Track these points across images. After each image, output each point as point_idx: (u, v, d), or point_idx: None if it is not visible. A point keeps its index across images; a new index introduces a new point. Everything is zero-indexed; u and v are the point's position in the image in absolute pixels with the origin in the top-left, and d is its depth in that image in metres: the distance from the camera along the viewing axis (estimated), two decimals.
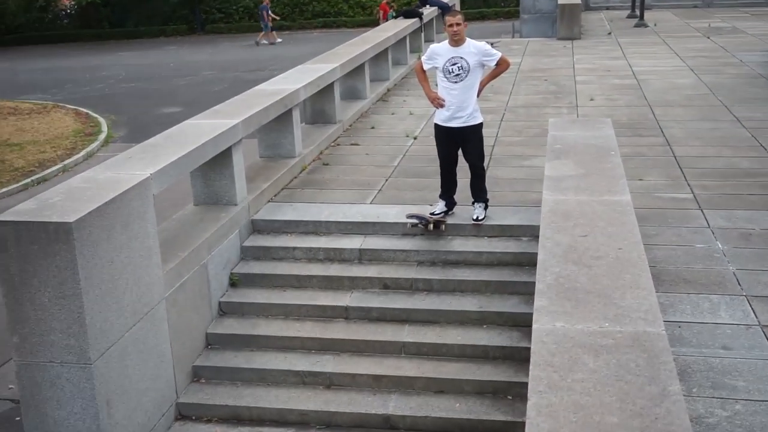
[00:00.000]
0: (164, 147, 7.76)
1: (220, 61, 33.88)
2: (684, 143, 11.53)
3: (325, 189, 10.01)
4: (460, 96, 8.29)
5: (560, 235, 5.92)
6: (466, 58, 8.24)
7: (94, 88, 28.53)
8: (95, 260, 6.06)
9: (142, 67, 33.63)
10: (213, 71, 30.96)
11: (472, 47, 8.28)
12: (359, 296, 8.15)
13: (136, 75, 31.11)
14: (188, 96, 25.55)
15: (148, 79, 29.92)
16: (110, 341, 6.27)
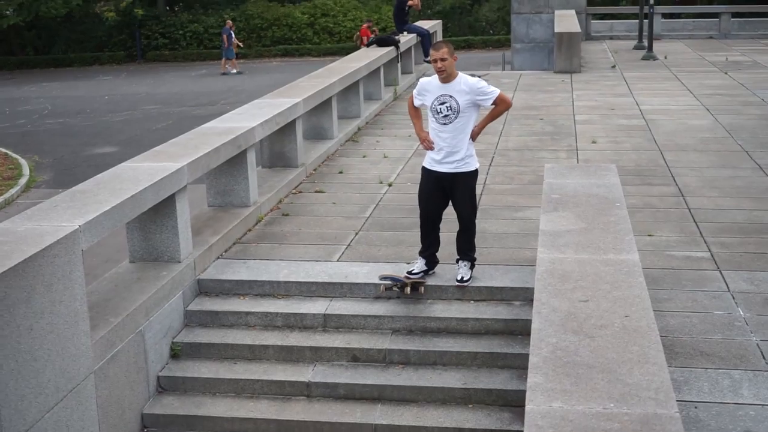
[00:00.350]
0: (96, 194, 7.74)
1: (163, 94, 33.99)
2: (699, 193, 11.68)
3: (284, 244, 10.00)
4: (451, 140, 8.28)
5: (558, 300, 5.93)
6: (456, 97, 8.21)
7: (15, 125, 28.47)
8: (11, 327, 5.99)
9: (72, 99, 33.65)
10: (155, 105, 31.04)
11: (463, 84, 8.23)
12: (323, 370, 8.10)
13: (64, 109, 31.11)
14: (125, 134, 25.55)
15: (78, 114, 29.93)
16: (27, 423, 6.17)
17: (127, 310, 7.66)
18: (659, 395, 4.68)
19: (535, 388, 4.78)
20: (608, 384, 4.80)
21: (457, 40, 47.16)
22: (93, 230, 7.06)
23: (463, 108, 8.23)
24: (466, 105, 8.22)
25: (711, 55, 27.50)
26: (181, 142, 9.99)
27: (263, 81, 35.34)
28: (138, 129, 26.28)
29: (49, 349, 6.40)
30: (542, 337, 5.39)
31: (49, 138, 25.66)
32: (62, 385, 6.57)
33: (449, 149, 8.31)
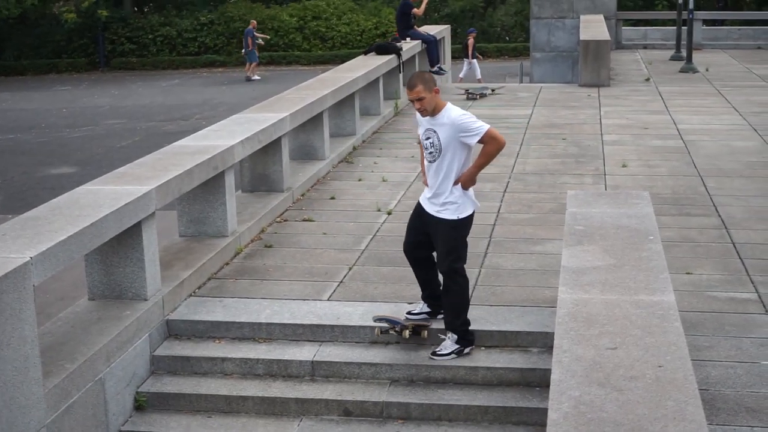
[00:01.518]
0: (50, 221, 7.76)
1: (129, 107, 34.14)
2: (745, 226, 11.71)
3: (267, 280, 10.02)
4: (434, 179, 8.29)
5: (582, 347, 5.94)
6: (438, 133, 8.19)
7: None
8: None
9: (24, 113, 33.77)
10: (119, 120, 31.16)
11: (446, 118, 8.18)
12: (311, 426, 8.08)
13: (15, 124, 31.22)
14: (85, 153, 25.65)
15: (32, 129, 30.04)
16: None
17: (85, 355, 7.65)
18: None
19: None
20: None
21: None
22: (46, 263, 7.06)
23: (445, 145, 8.15)
24: (447, 142, 8.14)
25: (759, 67, 27.61)
26: (148, 162, 10.03)
27: (245, 92, 35.53)
28: (100, 147, 26.37)
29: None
30: (563, 389, 5.39)
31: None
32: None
33: (435, 189, 8.30)
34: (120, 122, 30.71)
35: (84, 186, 9.05)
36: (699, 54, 29.77)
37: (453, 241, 8.29)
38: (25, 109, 34.88)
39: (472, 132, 8.09)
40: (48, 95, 39.16)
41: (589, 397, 5.27)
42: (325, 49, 49.21)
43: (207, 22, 49.79)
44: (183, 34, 49.51)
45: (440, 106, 8.22)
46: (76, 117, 32.22)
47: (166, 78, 44.33)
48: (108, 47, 49.48)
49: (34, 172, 23.48)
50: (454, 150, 8.16)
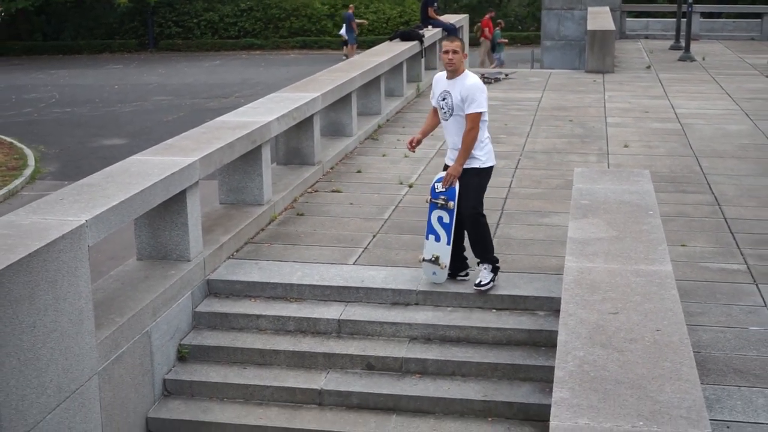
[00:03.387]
0: (103, 188, 7.78)
1: (175, 85, 34.14)
2: (736, 203, 11.63)
3: (298, 245, 10.02)
4: (452, 136, 8.55)
5: (586, 311, 5.92)
6: (453, 94, 8.40)
7: (21, 113, 28.65)
8: (14, 324, 6.02)
9: (80, 88, 33.84)
10: (166, 97, 31.18)
11: (461, 83, 8.37)
12: (337, 378, 8.11)
13: (72, 98, 31.29)
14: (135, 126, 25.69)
15: (87, 103, 30.10)
16: (28, 424, 6.21)
17: (133, 309, 7.69)
18: (691, 414, 4.66)
19: (560, 404, 4.77)
20: (638, 401, 4.78)
21: None
22: (100, 226, 7.09)
23: (456, 106, 8.39)
24: (458, 103, 8.38)
25: (752, 57, 27.40)
26: (193, 135, 10.02)
27: (280, 74, 35.46)
28: (148, 121, 26.41)
29: (52, 347, 6.43)
30: (569, 350, 5.38)
31: (56, 128, 25.81)
32: (65, 385, 6.60)
33: (452, 145, 8.58)
34: (167, 98, 30.72)
35: (134, 156, 9.06)
36: (696, 44, 29.52)
37: (477, 186, 8.52)
38: (80, 85, 34.94)
39: (469, 104, 8.28)
40: (101, 73, 39.21)
41: (592, 357, 5.26)
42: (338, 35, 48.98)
43: (246, 9, 49.60)
44: (224, 19, 49.36)
45: (461, 70, 8.44)
46: (127, 93, 32.25)
47: (208, 59, 44.28)
48: (156, 30, 49.43)
49: (89, 143, 23.54)
50: (460, 111, 8.38)
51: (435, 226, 8.66)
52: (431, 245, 8.70)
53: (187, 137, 9.93)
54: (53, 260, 6.45)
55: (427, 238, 8.73)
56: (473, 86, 8.33)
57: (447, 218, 8.59)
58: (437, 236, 8.66)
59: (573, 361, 5.23)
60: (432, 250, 8.70)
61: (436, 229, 8.66)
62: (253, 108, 11.83)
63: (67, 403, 6.64)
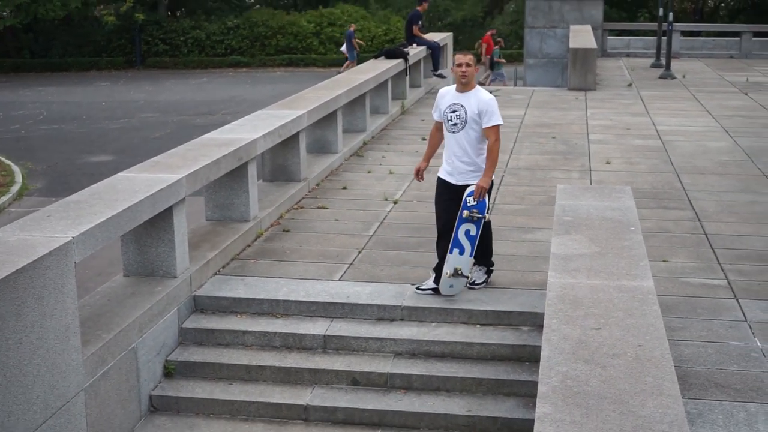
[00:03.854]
0: (90, 204, 7.75)
1: (162, 102, 34.10)
2: (717, 219, 11.67)
3: (284, 261, 10.00)
4: (457, 149, 8.66)
5: (569, 327, 5.92)
6: (467, 107, 8.57)
7: (8, 130, 28.57)
8: (0, 341, 5.98)
9: (68, 105, 33.76)
10: (153, 113, 31.14)
11: (476, 96, 8.60)
12: (322, 393, 8.08)
13: (59, 115, 31.21)
14: (122, 143, 25.63)
15: (74, 120, 30.03)
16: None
17: (119, 325, 7.66)
18: (673, 428, 4.66)
19: (543, 419, 4.77)
20: (620, 416, 4.78)
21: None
22: (87, 242, 7.06)
23: (470, 119, 8.56)
24: (472, 117, 8.54)
25: (731, 75, 27.55)
26: (179, 152, 10.01)
27: (266, 91, 35.47)
28: (135, 137, 26.36)
29: (39, 364, 6.39)
30: (552, 365, 5.37)
31: (44, 144, 25.74)
32: (51, 402, 6.55)
33: (457, 159, 8.68)
34: (154, 115, 30.68)
35: (121, 173, 9.04)
36: (677, 62, 29.69)
37: None
38: (68, 102, 34.87)
39: (490, 115, 8.50)
40: (89, 90, 39.14)
41: (575, 372, 5.26)
42: (340, 53, 49.04)
43: (233, 27, 49.70)
44: (211, 37, 49.42)
45: (472, 85, 8.67)
46: (115, 110, 32.20)
47: (195, 76, 44.28)
48: (144, 47, 49.43)
49: (76, 159, 23.48)
50: (474, 124, 8.54)
51: (461, 239, 8.69)
52: (455, 259, 8.69)
53: (173, 154, 9.92)
54: (40, 277, 6.42)
55: (451, 252, 8.70)
56: (490, 101, 8.58)
57: (474, 231, 8.68)
58: (462, 249, 8.70)
59: (556, 377, 5.22)
60: (454, 264, 8.70)
61: (462, 243, 8.69)
62: (239, 125, 11.82)
63: (54, 419, 6.59)
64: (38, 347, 6.38)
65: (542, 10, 32.17)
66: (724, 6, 51.26)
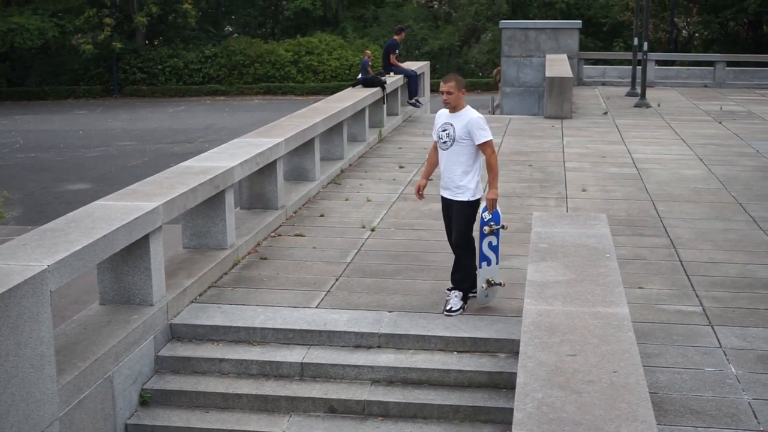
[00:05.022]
0: (66, 233, 7.73)
1: (139, 130, 34.06)
2: (692, 246, 11.75)
3: (261, 288, 9.98)
4: (447, 165, 9.04)
5: (544, 354, 5.94)
6: (455, 126, 8.95)
7: None
8: None
9: (45, 134, 33.66)
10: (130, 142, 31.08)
11: (466, 116, 8.95)
12: (299, 421, 8.05)
13: (36, 143, 31.11)
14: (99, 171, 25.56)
15: (51, 148, 29.93)
16: None
17: (95, 354, 7.61)
18: None
19: None
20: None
21: None
22: (62, 271, 7.03)
23: (458, 137, 8.90)
24: (462, 134, 8.88)
25: (705, 104, 27.79)
26: (156, 180, 10.00)
27: (244, 119, 35.50)
28: (112, 166, 26.30)
29: (13, 393, 6.35)
30: (527, 391, 5.38)
31: (20, 173, 25.64)
32: (26, 431, 6.50)
33: (447, 174, 9.06)
34: (131, 144, 30.63)
35: (98, 201, 9.02)
36: (652, 91, 29.94)
37: (467, 218, 9.08)
38: (45, 130, 34.77)
39: (479, 131, 8.86)
40: (66, 118, 39.04)
41: (550, 399, 5.27)
42: (317, 81, 49.25)
43: (211, 55, 49.79)
44: (189, 66, 49.48)
45: (462, 106, 9.02)
46: (92, 138, 32.12)
47: (173, 104, 44.27)
48: (121, 76, 49.40)
49: (53, 188, 23.39)
50: (466, 142, 8.89)
51: (486, 252, 9.15)
52: (485, 271, 9.16)
53: (150, 182, 9.91)
54: (15, 305, 6.38)
55: (480, 266, 9.15)
56: (478, 119, 8.92)
57: (495, 241, 9.17)
58: (489, 261, 9.17)
59: (532, 403, 5.23)
60: (486, 275, 9.15)
61: (487, 255, 9.15)
62: (216, 153, 11.83)
63: None
64: (12, 376, 6.34)
65: (518, 39, 32.38)
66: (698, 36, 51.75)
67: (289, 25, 55.97)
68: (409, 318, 9.04)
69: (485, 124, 8.96)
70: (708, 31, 49.01)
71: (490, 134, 8.94)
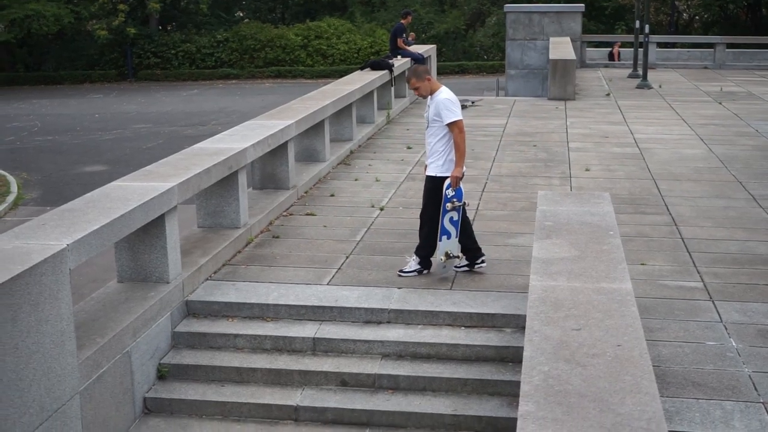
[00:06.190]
0: (84, 213, 7.74)
1: (154, 113, 34.04)
2: (693, 223, 11.73)
3: (274, 266, 10.00)
4: (429, 144, 9.36)
5: (550, 328, 5.94)
6: (430, 108, 9.29)
7: (3, 141, 28.47)
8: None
9: (62, 117, 33.67)
10: (145, 124, 31.08)
11: (435, 99, 9.21)
12: (312, 394, 8.08)
13: (53, 127, 31.12)
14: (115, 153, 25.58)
15: (68, 131, 29.94)
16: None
17: (114, 330, 7.64)
18: (651, 425, 4.68)
19: (526, 417, 4.78)
20: (600, 413, 4.80)
21: (451, 65, 47.39)
22: (81, 249, 7.05)
23: (432, 117, 9.23)
24: (433, 114, 9.20)
25: (705, 85, 27.68)
26: (171, 162, 10.00)
27: (255, 102, 35.45)
28: (128, 148, 26.31)
29: (35, 368, 6.38)
30: (534, 365, 5.39)
31: (38, 155, 25.66)
32: (47, 405, 6.54)
33: (429, 152, 9.40)
34: (146, 126, 30.63)
35: (114, 182, 9.03)
36: (654, 72, 29.83)
37: (429, 191, 9.36)
38: (62, 114, 34.77)
39: (441, 116, 9.11)
40: (82, 102, 39.04)
41: (556, 372, 5.28)
42: (326, 64, 49.11)
43: (223, 40, 49.67)
44: (202, 50, 49.37)
45: (435, 89, 9.26)
46: (107, 121, 32.12)
47: (186, 88, 44.22)
48: (135, 60, 49.33)
49: (70, 169, 23.42)
50: (434, 122, 9.21)
51: (447, 226, 9.33)
52: (443, 244, 9.38)
53: (165, 164, 9.91)
54: (35, 283, 6.40)
55: (440, 239, 9.31)
56: (443, 100, 9.14)
57: (456, 216, 9.33)
58: (449, 235, 9.33)
59: (538, 376, 5.24)
60: (444, 248, 9.35)
61: (447, 229, 9.33)
62: (229, 135, 11.82)
63: (50, 422, 6.57)
64: (34, 352, 6.37)
65: (522, 22, 32.23)
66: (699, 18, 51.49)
67: (298, 10, 55.82)
68: (417, 294, 9.04)
69: (453, 104, 9.14)
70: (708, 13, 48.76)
71: (458, 115, 9.13)
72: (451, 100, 9.14)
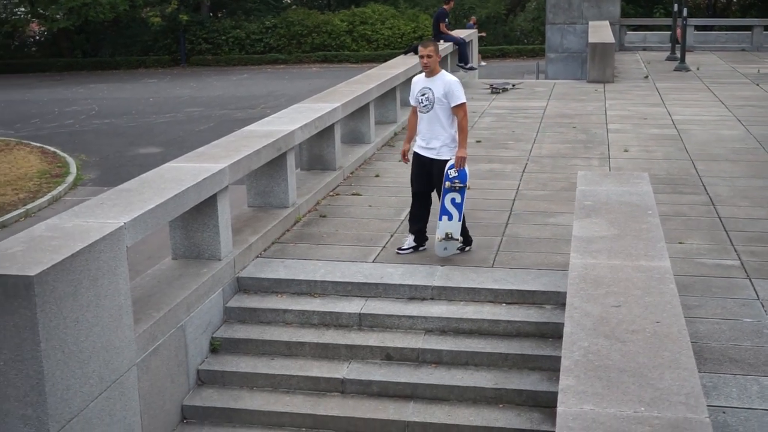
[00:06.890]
0: (140, 193, 7.80)
1: (205, 97, 34.24)
2: (730, 203, 11.57)
3: (321, 244, 10.02)
4: (428, 126, 9.19)
5: (590, 305, 5.91)
6: (434, 89, 9.09)
7: (63, 124, 28.80)
8: (58, 319, 6.05)
9: (118, 101, 33.99)
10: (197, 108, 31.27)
11: (442, 79, 9.10)
12: (358, 367, 8.11)
13: (110, 110, 31.42)
14: (168, 135, 25.77)
15: (124, 115, 30.22)
16: (73, 412, 6.23)
17: (168, 305, 7.71)
18: (690, 400, 4.64)
19: (566, 390, 4.76)
20: (639, 388, 4.77)
21: (492, 49, 47.10)
22: (137, 227, 7.11)
23: (437, 99, 9.06)
24: (440, 97, 9.04)
25: (743, 67, 27.27)
26: (222, 144, 10.05)
27: (303, 86, 35.51)
28: (181, 130, 26.49)
29: (94, 341, 6.46)
30: (574, 340, 5.37)
31: (96, 138, 25.93)
32: (106, 376, 6.62)
33: (428, 135, 9.21)
34: (198, 110, 30.82)
35: (168, 163, 9.09)
36: (691, 55, 29.43)
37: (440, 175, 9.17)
38: (118, 98, 35.10)
39: (454, 95, 9.03)
40: (137, 87, 39.37)
41: (596, 347, 5.25)
42: (371, 49, 49.03)
43: (271, 26, 49.77)
44: (251, 36, 49.52)
45: (438, 70, 9.19)
46: (161, 105, 32.37)
47: (236, 73, 44.39)
48: (188, 47, 49.59)
49: (126, 151, 23.64)
50: (444, 104, 9.07)
51: (448, 207, 9.19)
52: (444, 225, 9.21)
53: (217, 145, 9.96)
54: (94, 260, 6.47)
55: (441, 219, 9.21)
56: (454, 82, 9.08)
57: (459, 198, 9.18)
58: (450, 216, 9.18)
59: (578, 351, 5.21)
60: (445, 229, 9.22)
61: (449, 210, 9.18)
62: (278, 118, 11.85)
63: (108, 392, 6.66)
64: (93, 325, 6.45)
65: (562, 6, 31.94)
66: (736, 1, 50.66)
67: None
68: (460, 272, 9.02)
69: (461, 87, 9.12)
70: None
71: (464, 98, 9.12)
72: (459, 82, 9.17)
